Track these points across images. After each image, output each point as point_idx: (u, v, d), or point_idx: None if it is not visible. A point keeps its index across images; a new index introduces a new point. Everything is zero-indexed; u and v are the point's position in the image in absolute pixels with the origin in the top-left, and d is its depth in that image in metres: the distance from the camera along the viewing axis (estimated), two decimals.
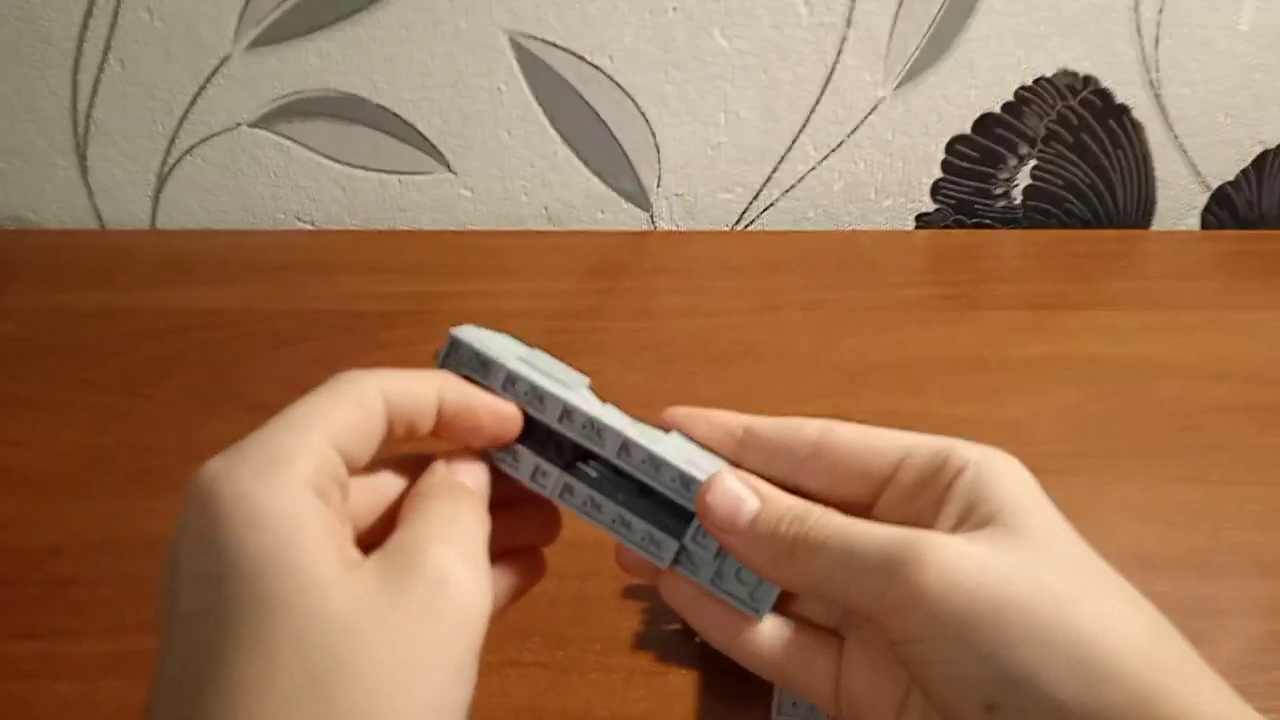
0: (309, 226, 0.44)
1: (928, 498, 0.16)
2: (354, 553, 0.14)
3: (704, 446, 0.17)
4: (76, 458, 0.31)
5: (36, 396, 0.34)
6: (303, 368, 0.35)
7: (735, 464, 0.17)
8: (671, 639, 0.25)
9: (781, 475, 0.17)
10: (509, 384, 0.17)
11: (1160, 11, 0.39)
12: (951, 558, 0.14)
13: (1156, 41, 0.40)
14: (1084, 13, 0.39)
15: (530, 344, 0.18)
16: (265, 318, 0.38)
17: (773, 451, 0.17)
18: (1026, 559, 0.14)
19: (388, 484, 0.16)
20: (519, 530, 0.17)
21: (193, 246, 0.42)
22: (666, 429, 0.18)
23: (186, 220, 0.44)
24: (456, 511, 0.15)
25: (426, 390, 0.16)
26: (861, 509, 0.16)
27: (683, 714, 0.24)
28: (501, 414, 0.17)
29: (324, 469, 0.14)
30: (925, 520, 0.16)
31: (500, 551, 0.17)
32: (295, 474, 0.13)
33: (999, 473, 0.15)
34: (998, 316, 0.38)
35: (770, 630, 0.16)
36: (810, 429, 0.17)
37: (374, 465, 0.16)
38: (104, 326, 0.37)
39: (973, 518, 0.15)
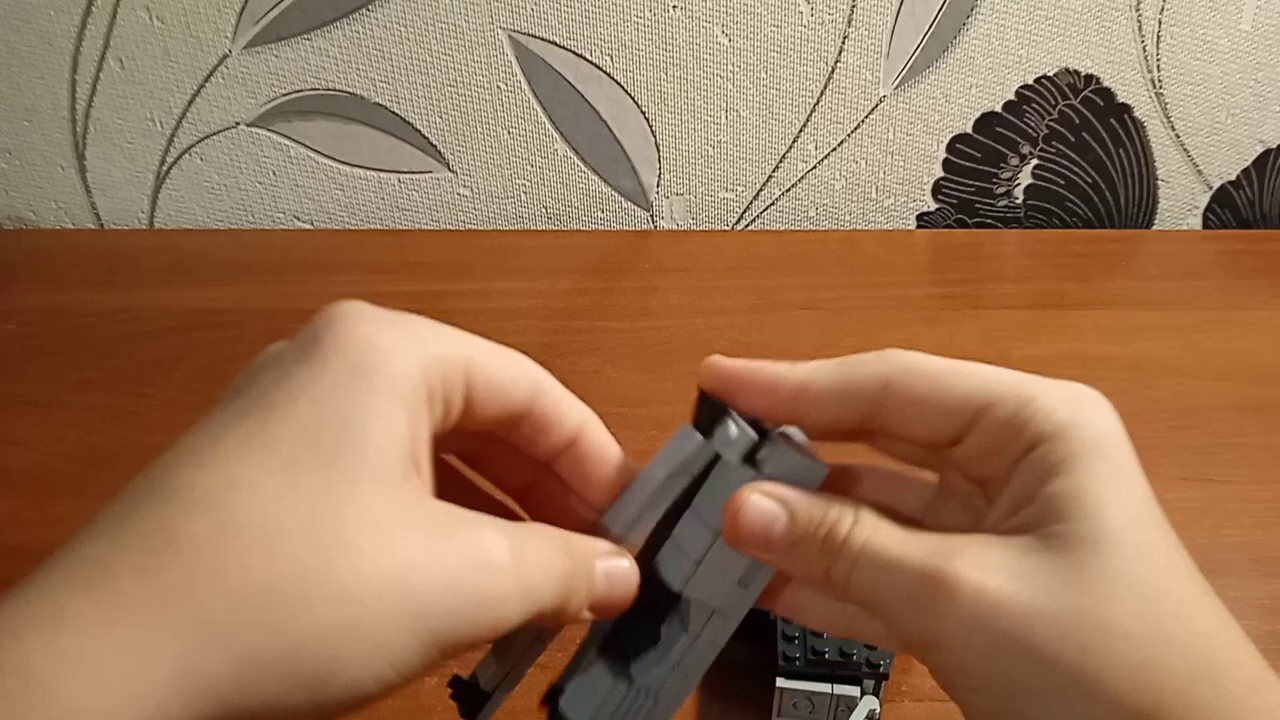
0: (307, 226, 0.44)
1: (1000, 463, 0.14)
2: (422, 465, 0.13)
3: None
4: (77, 458, 0.31)
5: (36, 396, 0.34)
6: None
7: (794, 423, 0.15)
8: None
9: (850, 426, 0.15)
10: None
11: (1162, 10, 0.39)
12: (980, 591, 0.13)
13: (1158, 40, 0.40)
14: (1085, 11, 0.39)
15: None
16: (265, 317, 0.38)
17: (833, 410, 0.15)
18: (1065, 588, 0.13)
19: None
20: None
21: (192, 246, 0.42)
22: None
23: (185, 220, 0.44)
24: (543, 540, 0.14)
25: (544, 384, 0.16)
26: (944, 448, 0.15)
27: (682, 715, 0.24)
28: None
29: (452, 378, 0.14)
30: (994, 488, 0.14)
31: None
32: (425, 361, 0.13)
33: (1075, 454, 0.13)
34: (999, 316, 0.38)
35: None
36: (870, 384, 0.15)
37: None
38: (104, 326, 0.37)
39: (1025, 510, 0.13)
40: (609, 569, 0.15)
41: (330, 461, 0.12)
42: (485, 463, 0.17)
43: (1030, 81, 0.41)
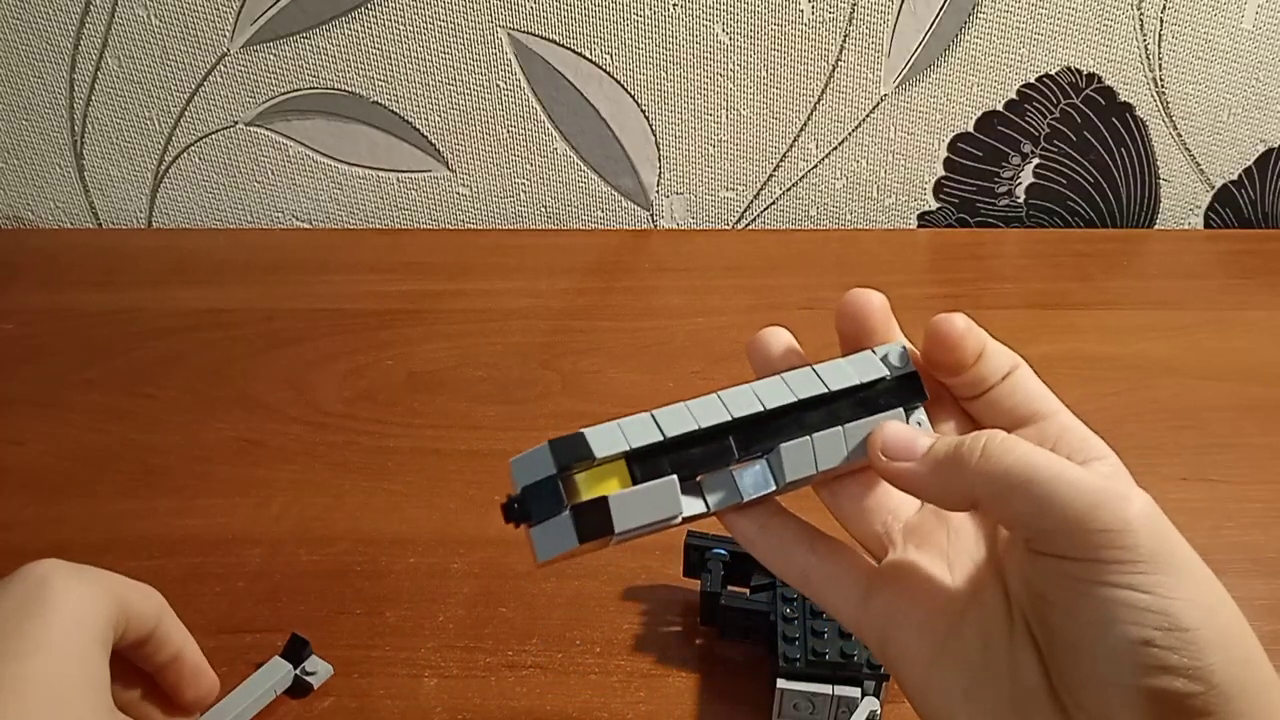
0: (306, 225, 0.44)
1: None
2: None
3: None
4: (78, 457, 0.31)
5: (37, 396, 0.34)
6: (303, 367, 0.35)
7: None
8: (671, 641, 0.25)
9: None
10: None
11: (1163, 10, 0.39)
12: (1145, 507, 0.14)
13: (1160, 39, 0.40)
14: (1087, 10, 0.39)
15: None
16: (264, 317, 0.37)
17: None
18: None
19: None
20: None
21: (191, 245, 0.42)
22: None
23: (183, 219, 0.44)
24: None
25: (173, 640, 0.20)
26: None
27: (682, 716, 0.24)
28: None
29: (132, 627, 0.18)
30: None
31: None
32: (117, 618, 0.18)
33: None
34: (1000, 315, 0.38)
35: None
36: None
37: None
38: (104, 326, 0.37)
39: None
40: None
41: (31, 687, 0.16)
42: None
43: (1032, 80, 0.41)
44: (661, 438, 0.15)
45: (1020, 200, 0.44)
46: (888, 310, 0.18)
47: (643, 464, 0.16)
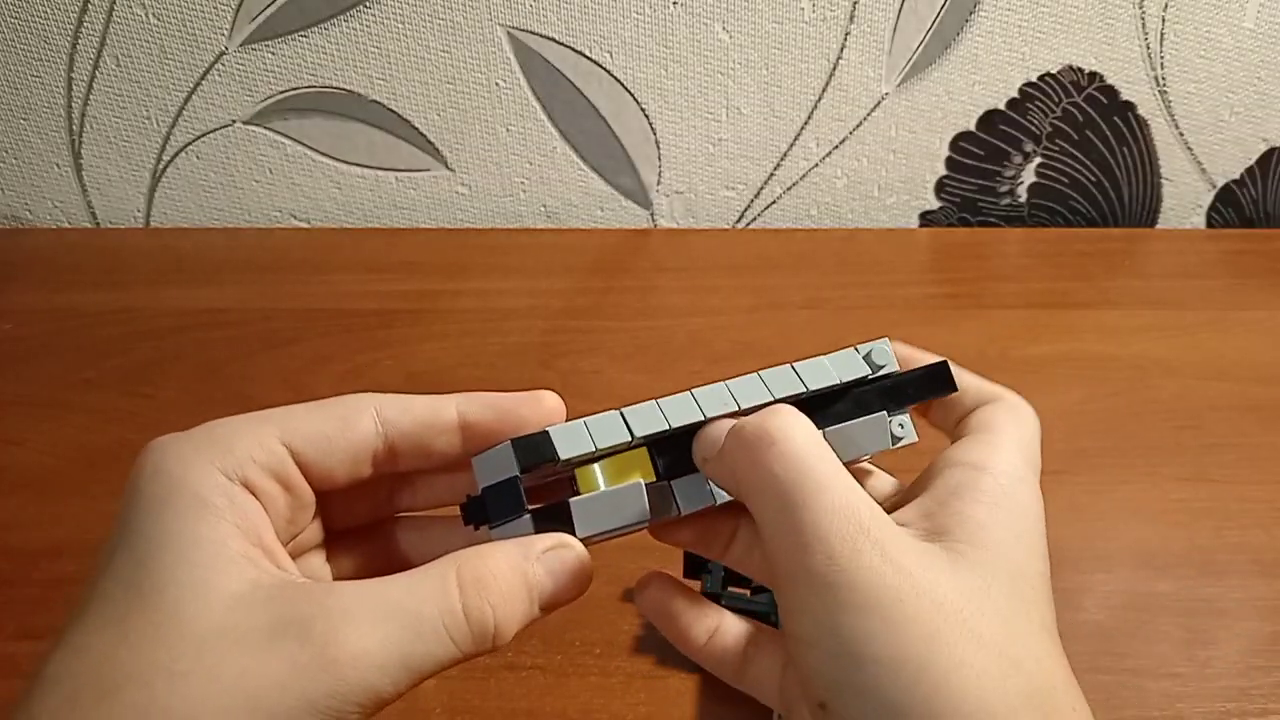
0: (305, 224, 0.44)
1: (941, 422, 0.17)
2: (276, 555, 0.13)
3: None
4: (76, 458, 0.31)
5: (36, 396, 0.34)
6: (301, 367, 0.35)
7: None
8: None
9: None
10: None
11: (1165, 8, 0.39)
12: (883, 539, 0.13)
13: (1162, 38, 0.39)
14: (1089, 8, 0.39)
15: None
16: (263, 317, 0.37)
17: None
18: (951, 579, 0.13)
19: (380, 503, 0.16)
20: None
21: (189, 245, 0.42)
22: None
23: (181, 218, 0.44)
24: (418, 598, 0.13)
25: (438, 409, 0.15)
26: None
27: (682, 717, 0.24)
28: (543, 405, 0.16)
29: (261, 459, 0.14)
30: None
31: None
32: (221, 460, 0.13)
33: (981, 479, 0.15)
34: (1001, 315, 0.38)
35: (729, 628, 0.16)
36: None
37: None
38: (103, 326, 0.37)
39: (937, 517, 0.15)
40: (552, 566, 0.14)
41: (151, 604, 0.12)
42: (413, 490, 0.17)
43: (1033, 79, 0.40)
44: (629, 438, 0.15)
45: (1022, 199, 0.44)
46: None
47: (664, 456, 0.15)
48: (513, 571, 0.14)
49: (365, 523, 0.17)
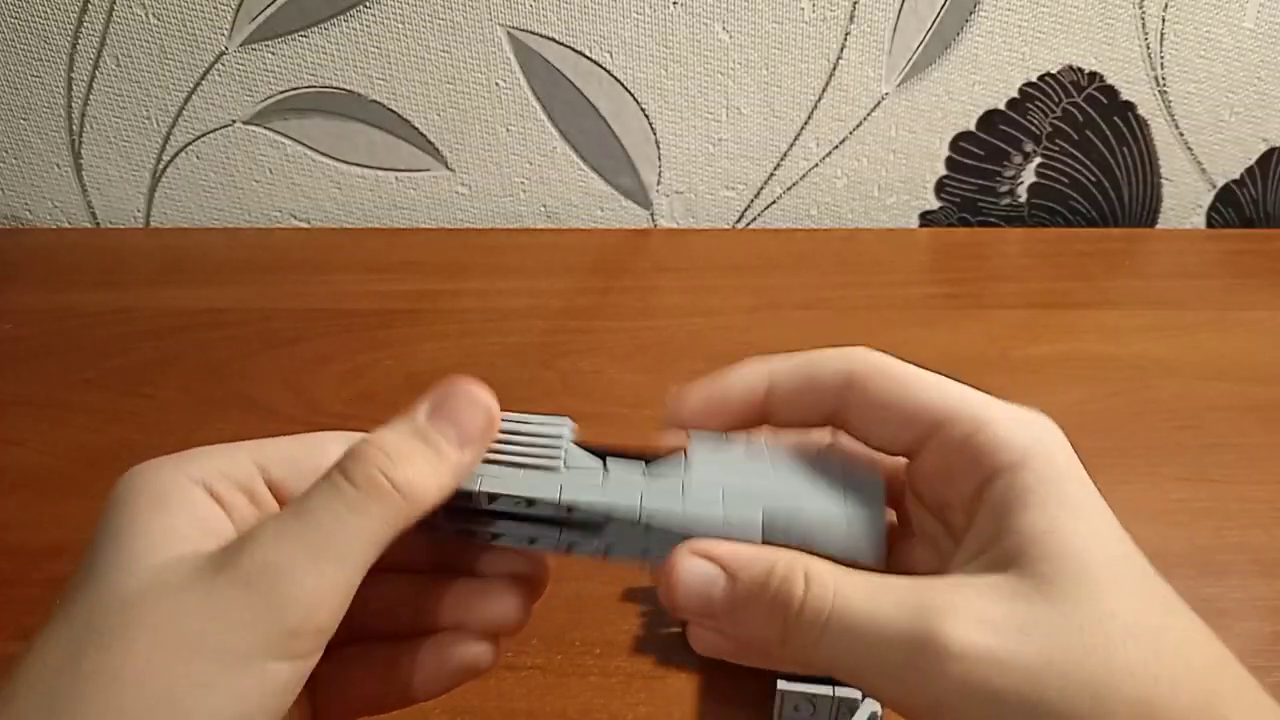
0: (304, 224, 0.44)
1: (959, 493, 0.14)
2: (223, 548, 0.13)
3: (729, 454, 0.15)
4: (76, 458, 0.31)
5: (36, 396, 0.34)
6: (301, 367, 0.35)
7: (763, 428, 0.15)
8: (671, 642, 0.25)
9: (815, 424, 0.15)
10: (490, 501, 0.14)
11: (1165, 8, 0.39)
12: (976, 651, 0.12)
13: (1162, 38, 0.39)
14: (1089, 8, 0.39)
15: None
16: (263, 317, 0.37)
17: (800, 405, 0.15)
18: (1066, 637, 0.12)
19: None
20: (471, 606, 0.16)
21: (189, 245, 0.42)
22: (672, 451, 0.15)
23: (181, 218, 0.44)
24: (318, 504, 0.13)
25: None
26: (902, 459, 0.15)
27: (682, 717, 0.24)
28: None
29: (226, 470, 0.14)
30: (954, 519, 0.14)
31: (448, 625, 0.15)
32: (185, 470, 0.13)
33: (1037, 486, 0.13)
34: (1001, 315, 0.38)
35: None
36: (833, 379, 0.14)
37: None
38: (103, 326, 0.37)
39: (997, 547, 0.13)
40: (439, 403, 0.14)
41: (93, 584, 0.12)
42: None
43: (1033, 79, 0.40)
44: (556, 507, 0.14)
45: (1022, 199, 0.44)
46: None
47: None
48: (387, 428, 0.13)
49: None
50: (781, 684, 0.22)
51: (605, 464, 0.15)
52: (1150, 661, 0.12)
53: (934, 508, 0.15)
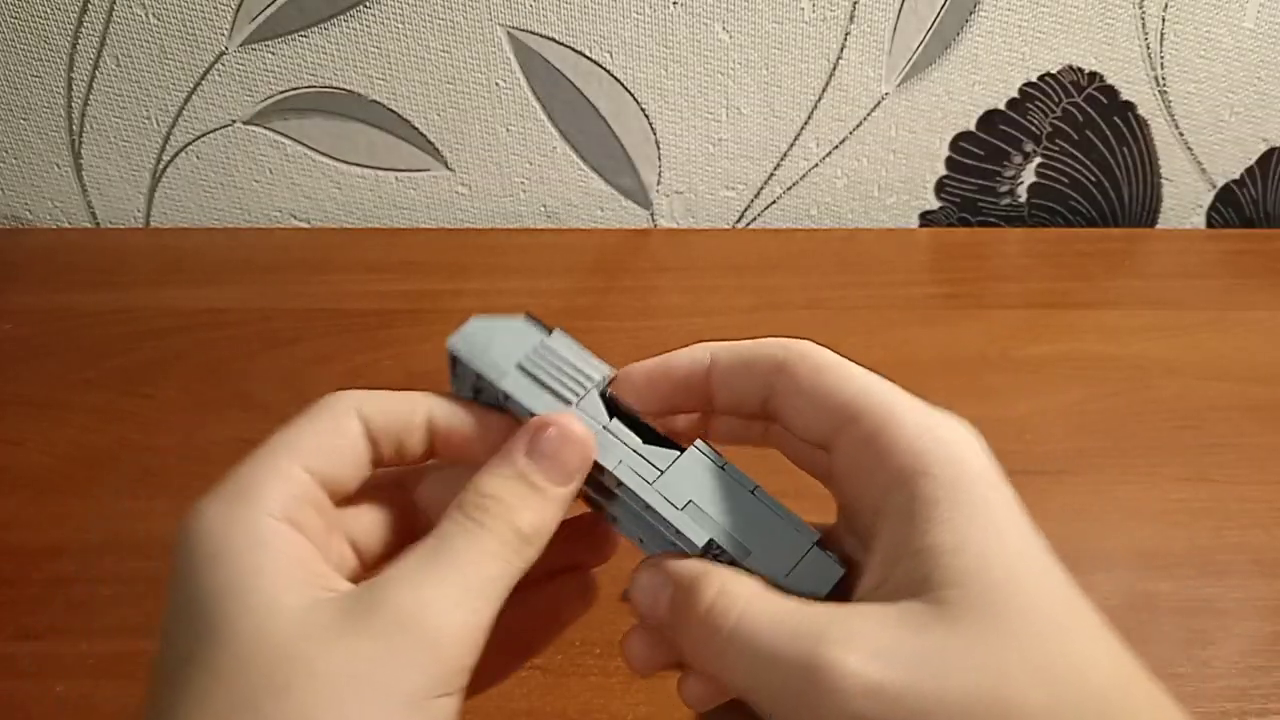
0: (305, 224, 0.44)
1: (867, 497, 0.13)
2: (332, 580, 0.13)
3: (720, 464, 0.15)
4: (76, 458, 0.31)
5: (36, 396, 0.34)
6: (301, 367, 0.35)
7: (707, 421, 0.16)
8: None
9: (752, 408, 0.15)
10: (507, 403, 0.16)
11: (1165, 8, 0.39)
12: (864, 681, 0.11)
13: (1162, 38, 0.39)
14: (1089, 9, 0.39)
15: (550, 326, 0.17)
16: (263, 317, 0.37)
17: (737, 386, 0.15)
18: (961, 669, 0.11)
19: (402, 501, 0.16)
20: (563, 550, 0.16)
21: (189, 245, 0.42)
22: (684, 443, 0.15)
23: (181, 219, 0.44)
24: (456, 546, 0.13)
25: (412, 409, 0.15)
26: (821, 453, 0.15)
27: (681, 718, 0.24)
28: (495, 434, 0.15)
29: (294, 493, 0.14)
30: (865, 524, 0.13)
31: (542, 574, 0.15)
32: (260, 505, 0.13)
33: (942, 497, 0.12)
34: (1001, 315, 0.38)
35: None
36: (765, 363, 0.15)
37: (398, 479, 0.16)
38: (102, 326, 0.37)
39: (902, 567, 0.12)
40: (541, 449, 0.14)
41: (229, 642, 0.12)
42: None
43: (1034, 79, 0.40)
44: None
45: (1022, 199, 0.44)
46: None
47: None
48: (495, 474, 0.14)
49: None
50: None
51: (610, 423, 0.16)
52: (1048, 692, 0.11)
53: (848, 510, 0.15)
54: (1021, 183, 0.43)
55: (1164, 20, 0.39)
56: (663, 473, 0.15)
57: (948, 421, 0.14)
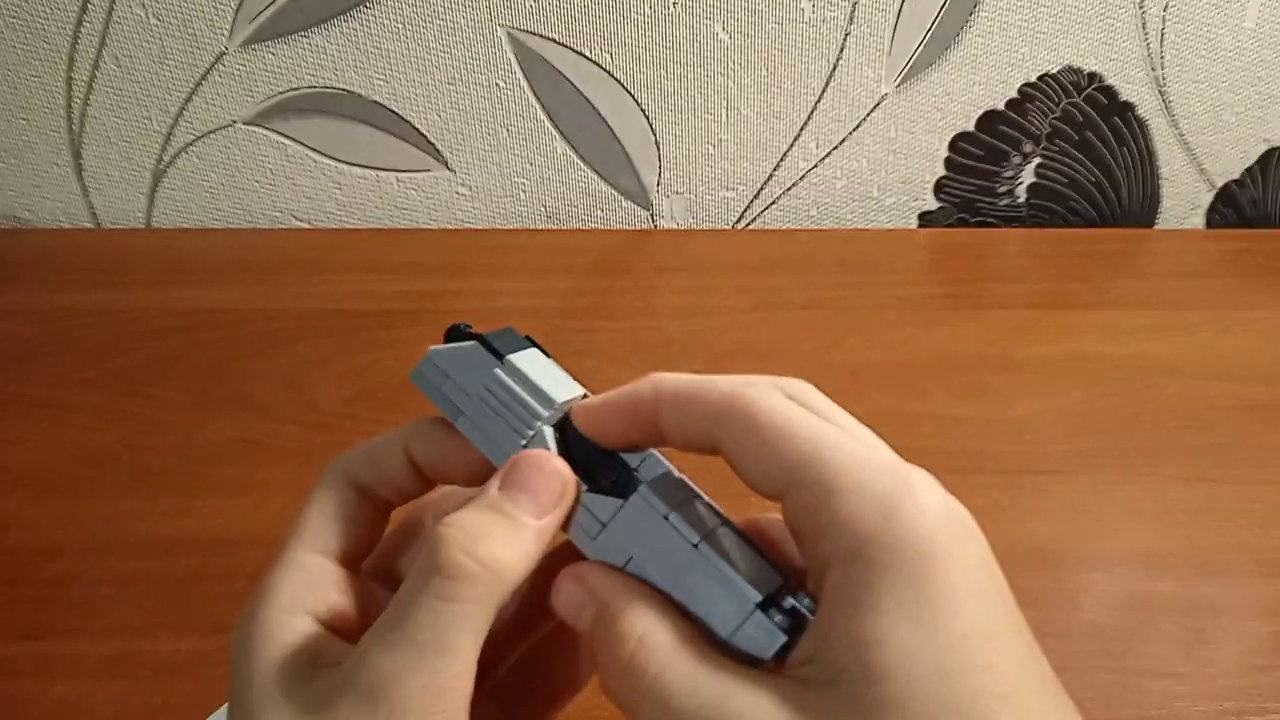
0: (305, 225, 0.44)
1: (815, 563, 0.13)
2: (340, 655, 0.14)
3: (685, 481, 0.15)
4: (76, 458, 0.31)
5: (36, 396, 0.34)
6: (301, 367, 0.35)
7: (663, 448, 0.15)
8: None
9: (704, 447, 0.14)
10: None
11: (1165, 8, 0.39)
12: None
13: (1162, 38, 0.39)
14: (1088, 9, 0.39)
15: (523, 336, 0.16)
16: (263, 317, 0.37)
17: (683, 429, 0.14)
18: None
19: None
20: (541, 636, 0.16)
21: (189, 245, 0.42)
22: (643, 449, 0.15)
23: (182, 219, 0.44)
24: (408, 603, 0.13)
25: (392, 451, 0.16)
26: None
27: None
28: (474, 454, 0.15)
29: (305, 582, 0.14)
30: (818, 589, 0.12)
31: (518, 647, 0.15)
32: (273, 603, 0.14)
33: (874, 582, 0.11)
34: (1001, 316, 0.38)
35: None
36: (709, 410, 0.13)
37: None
38: (103, 326, 0.37)
39: (828, 652, 0.12)
40: (515, 479, 0.14)
41: None
42: None
43: (1033, 79, 0.41)
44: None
45: (1021, 200, 0.44)
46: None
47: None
48: (469, 509, 0.14)
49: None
50: None
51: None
52: None
53: (806, 563, 0.13)
54: (1021, 183, 0.43)
55: (1164, 20, 0.39)
56: (604, 526, 0.14)
57: (898, 490, 0.12)
